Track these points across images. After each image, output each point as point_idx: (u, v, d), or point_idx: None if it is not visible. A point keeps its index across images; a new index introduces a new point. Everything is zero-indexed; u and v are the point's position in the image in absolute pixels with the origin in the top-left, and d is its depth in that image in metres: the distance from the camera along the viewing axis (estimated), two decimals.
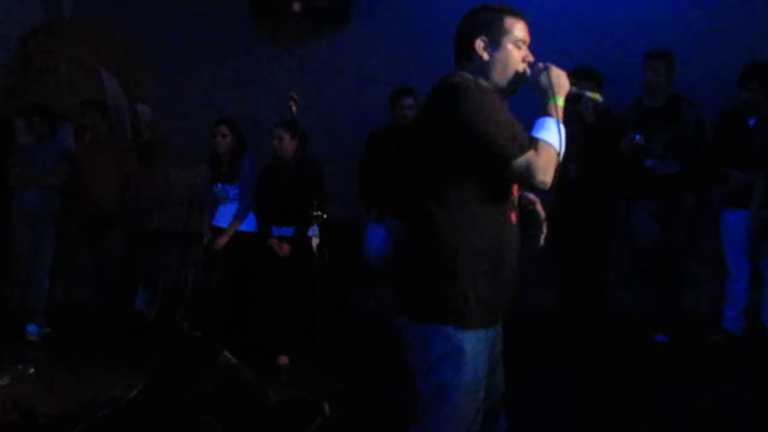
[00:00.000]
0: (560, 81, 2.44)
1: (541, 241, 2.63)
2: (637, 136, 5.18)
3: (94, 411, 4.31)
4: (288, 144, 5.35)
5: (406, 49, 6.31)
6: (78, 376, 5.04)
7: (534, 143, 2.33)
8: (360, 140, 6.12)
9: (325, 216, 4.76)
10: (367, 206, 5.96)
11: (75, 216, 6.43)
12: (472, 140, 2.32)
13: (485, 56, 2.49)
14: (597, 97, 2.62)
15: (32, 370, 4.55)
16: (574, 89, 2.51)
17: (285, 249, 5.37)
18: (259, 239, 5.51)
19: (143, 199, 6.45)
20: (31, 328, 6.21)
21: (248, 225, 5.66)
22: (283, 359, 5.26)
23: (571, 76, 5.71)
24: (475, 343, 2.40)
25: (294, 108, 4.34)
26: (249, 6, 6.90)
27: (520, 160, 2.31)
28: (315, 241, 5.29)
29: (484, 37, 2.49)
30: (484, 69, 2.50)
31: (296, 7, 6.56)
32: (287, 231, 5.41)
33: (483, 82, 2.48)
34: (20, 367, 4.54)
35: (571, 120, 5.25)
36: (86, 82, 7.38)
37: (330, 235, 5.09)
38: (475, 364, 2.40)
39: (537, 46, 2.43)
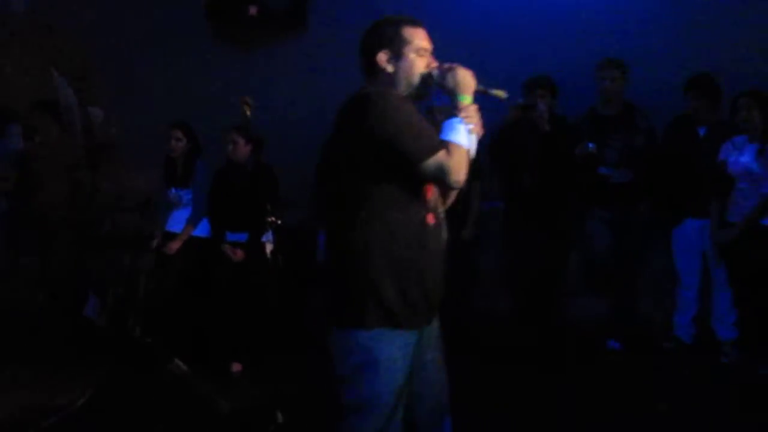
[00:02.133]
0: (465, 80, 2.52)
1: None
2: (590, 145, 5.23)
3: (40, 419, 4.22)
4: (242, 148, 5.30)
5: None
6: (24, 384, 4.92)
7: (444, 144, 2.40)
8: (316, 145, 6.06)
9: (279, 222, 4.73)
10: (319, 212, 5.93)
11: (23, 219, 6.29)
12: (382, 145, 2.38)
13: (389, 68, 2.57)
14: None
15: None
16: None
17: (239, 255, 5.31)
18: (213, 245, 5.45)
19: (94, 203, 6.32)
20: None
21: (202, 230, 5.59)
22: (236, 366, 5.19)
23: (526, 85, 5.83)
24: (392, 350, 2.42)
25: (248, 112, 4.32)
26: (204, 8, 6.83)
27: (431, 162, 2.37)
28: (269, 247, 5.28)
29: (386, 50, 2.57)
30: (390, 81, 2.57)
31: (252, 10, 6.52)
32: (241, 237, 5.35)
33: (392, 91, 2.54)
34: None
35: (525, 129, 5.37)
36: (37, 82, 7.24)
37: (284, 241, 5.06)
38: (392, 372, 2.43)
39: (492, 55, 2.45)
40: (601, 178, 5.40)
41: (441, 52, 2.67)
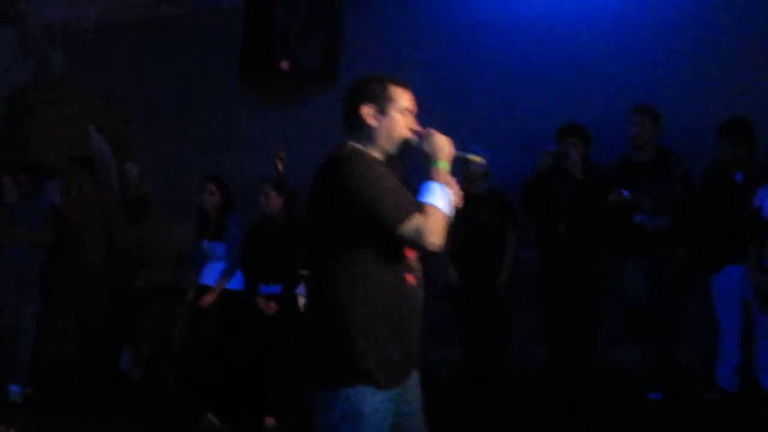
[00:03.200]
0: (442, 147, 2.52)
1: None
2: (625, 192, 5.18)
3: None
4: (274, 201, 5.34)
5: None
6: None
7: (420, 207, 2.41)
8: None
9: None
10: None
11: (60, 274, 6.35)
12: (358, 209, 2.40)
13: (373, 122, 2.59)
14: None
15: None
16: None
17: (272, 308, 5.31)
18: (247, 298, 5.45)
19: (129, 256, 6.38)
20: (14, 388, 6.09)
21: (236, 283, 5.61)
22: (270, 421, 5.15)
23: (558, 133, 5.82)
24: (375, 404, 2.42)
25: (280, 166, 4.36)
26: (238, 63, 6.94)
27: (408, 225, 2.38)
28: (302, 300, 5.27)
29: (371, 105, 2.59)
30: (371, 135, 2.59)
31: (284, 65, 6.60)
32: (275, 289, 5.35)
33: (370, 149, 2.58)
34: (2, 428, 4.42)
35: (558, 177, 5.34)
36: (74, 138, 7.38)
37: None
38: (374, 423, 2.42)
39: (524, 103, 2.44)
40: (637, 226, 5.33)
41: (468, 99, 2.67)
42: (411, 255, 2.54)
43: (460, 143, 2.58)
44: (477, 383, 5.62)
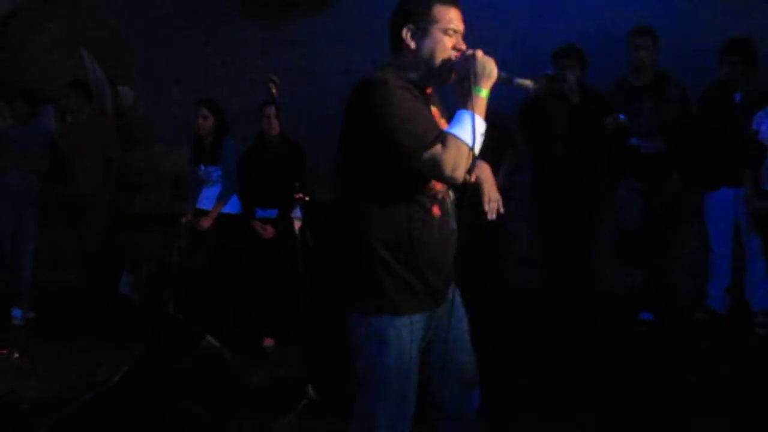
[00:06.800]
0: (485, 70, 2.40)
1: (490, 215, 2.63)
2: (621, 116, 5.16)
3: (77, 395, 4.31)
4: (275, 123, 5.33)
5: None
6: (62, 360, 5.03)
7: (443, 138, 2.33)
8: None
9: (307, 198, 4.75)
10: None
11: (57, 199, 6.38)
12: (379, 136, 2.35)
13: (412, 45, 2.49)
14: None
15: (16, 355, 4.52)
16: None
17: (269, 231, 5.35)
18: (243, 221, 5.49)
19: (125, 181, 6.39)
20: (16, 312, 6.20)
21: (232, 207, 5.64)
22: (268, 342, 5.25)
23: (554, 56, 5.76)
24: (398, 329, 2.44)
25: (274, 90, 4.32)
26: None
27: (425, 155, 2.31)
28: (297, 224, 5.31)
29: (411, 26, 2.48)
30: (411, 58, 2.50)
31: None
32: (271, 213, 5.39)
33: (410, 74, 2.49)
34: (4, 351, 4.50)
35: (554, 100, 5.31)
36: (68, 63, 7.30)
37: (314, 217, 5.08)
38: (399, 349, 2.45)
39: (519, 24, 2.39)
40: (632, 148, 5.33)
41: (468, 17, 2.59)
42: (439, 186, 2.50)
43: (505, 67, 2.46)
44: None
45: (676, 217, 5.57)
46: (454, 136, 2.33)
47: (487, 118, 2.43)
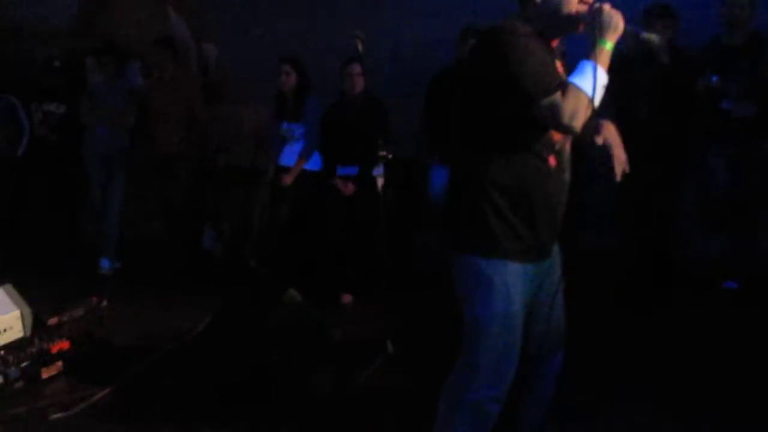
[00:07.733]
0: (611, 23, 2.37)
1: (618, 177, 2.58)
2: (714, 78, 4.99)
3: (162, 344, 4.45)
4: (358, 80, 5.35)
5: None
6: (147, 311, 5.19)
7: (564, 86, 2.33)
8: (426, 78, 6.04)
9: (390, 156, 4.76)
10: (432, 147, 5.90)
11: (143, 155, 6.52)
12: (503, 80, 2.36)
13: None
14: (653, 38, 2.53)
15: (105, 303, 4.67)
16: (629, 28, 2.44)
17: (349, 188, 5.38)
18: (324, 178, 5.54)
19: (210, 137, 6.49)
20: (104, 262, 6.42)
21: (313, 164, 5.69)
22: (347, 298, 5.31)
23: (645, 13, 5.55)
24: (504, 275, 2.49)
25: (360, 47, 4.32)
26: None
27: (545, 101, 2.32)
28: (380, 181, 5.33)
29: None
30: (537, 11, 2.49)
31: None
32: (352, 170, 5.42)
33: (536, 25, 2.47)
34: (94, 299, 4.66)
35: (641, 61, 5.15)
36: (153, 20, 7.42)
37: (395, 175, 5.09)
38: (505, 295, 2.49)
39: None
40: (722, 112, 5.15)
41: None
42: (558, 137, 2.51)
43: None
44: None
45: (764, 185, 5.39)
46: (575, 86, 2.33)
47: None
